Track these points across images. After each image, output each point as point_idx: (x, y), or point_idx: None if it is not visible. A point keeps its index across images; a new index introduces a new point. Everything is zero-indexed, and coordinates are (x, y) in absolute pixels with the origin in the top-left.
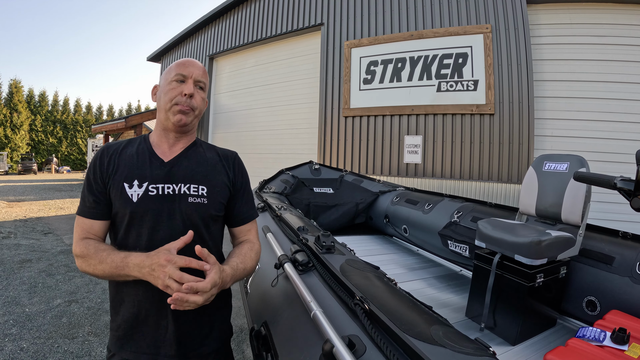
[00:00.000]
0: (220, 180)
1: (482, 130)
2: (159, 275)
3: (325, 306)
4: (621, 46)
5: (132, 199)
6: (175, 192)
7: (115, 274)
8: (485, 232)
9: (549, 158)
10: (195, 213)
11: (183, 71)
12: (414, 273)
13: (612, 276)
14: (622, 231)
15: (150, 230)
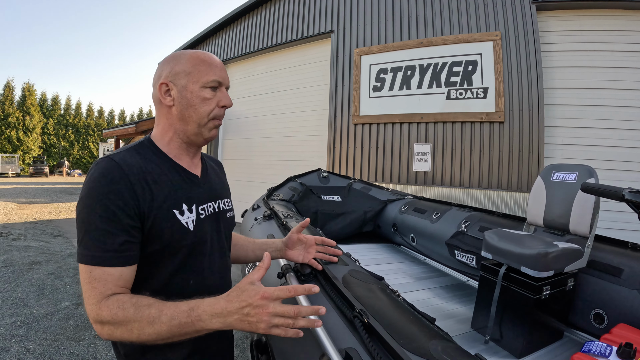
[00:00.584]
0: (229, 189)
1: (491, 138)
2: (261, 318)
3: (325, 318)
4: (632, 53)
5: (189, 227)
6: (216, 210)
7: (178, 334)
8: (491, 243)
9: (557, 168)
10: (230, 228)
11: (218, 77)
12: (421, 283)
13: (620, 289)
14: (631, 242)
15: (208, 259)
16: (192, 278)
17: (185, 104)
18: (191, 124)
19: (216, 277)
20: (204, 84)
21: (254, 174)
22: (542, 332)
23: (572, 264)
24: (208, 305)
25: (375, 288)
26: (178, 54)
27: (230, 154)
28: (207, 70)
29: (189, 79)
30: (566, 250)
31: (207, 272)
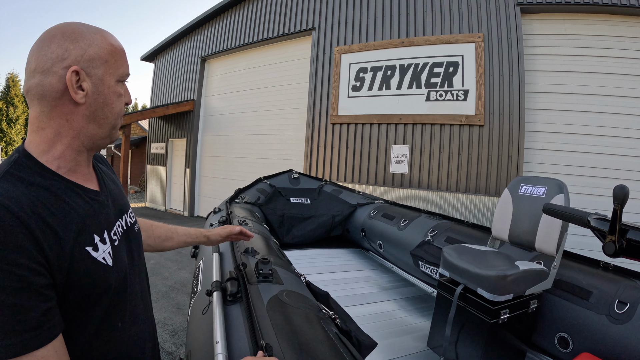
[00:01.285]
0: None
1: (470, 141)
2: None
3: (236, 347)
4: (617, 59)
5: (108, 263)
6: (124, 227)
7: None
8: (449, 260)
9: (525, 180)
10: (141, 244)
11: (128, 69)
12: (386, 293)
13: (588, 313)
14: (603, 262)
15: (130, 293)
16: (120, 320)
17: (101, 101)
18: (104, 127)
19: (140, 309)
20: (119, 77)
21: (233, 172)
22: (500, 354)
23: (536, 286)
24: None
25: (302, 314)
26: (82, 31)
27: (209, 151)
28: (123, 59)
29: (106, 70)
30: (528, 272)
31: (131, 306)
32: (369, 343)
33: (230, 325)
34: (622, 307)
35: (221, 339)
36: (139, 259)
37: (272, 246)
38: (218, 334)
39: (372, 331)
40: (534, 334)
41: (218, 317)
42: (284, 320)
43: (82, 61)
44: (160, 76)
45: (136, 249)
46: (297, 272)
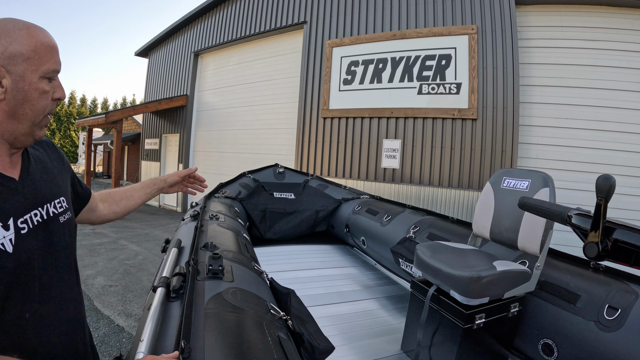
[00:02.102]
0: (65, 177)
1: (463, 135)
2: None
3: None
4: (615, 51)
5: (6, 249)
6: (44, 217)
7: None
8: (422, 259)
9: (509, 173)
10: (69, 235)
11: (58, 65)
12: (367, 291)
13: (575, 318)
14: (594, 262)
15: (38, 283)
16: (27, 310)
17: (20, 98)
18: (24, 123)
19: (56, 303)
20: (43, 74)
21: (225, 167)
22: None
23: (516, 289)
24: None
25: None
26: (7, 28)
27: (202, 146)
28: (49, 55)
29: (27, 66)
30: (507, 274)
31: (44, 298)
32: (324, 347)
33: (168, 323)
34: (612, 313)
35: (147, 337)
36: (62, 251)
37: (239, 242)
38: (146, 332)
39: (347, 331)
40: (516, 338)
41: (151, 315)
42: (219, 320)
43: (2, 58)
44: (154, 71)
45: (59, 241)
46: (258, 269)
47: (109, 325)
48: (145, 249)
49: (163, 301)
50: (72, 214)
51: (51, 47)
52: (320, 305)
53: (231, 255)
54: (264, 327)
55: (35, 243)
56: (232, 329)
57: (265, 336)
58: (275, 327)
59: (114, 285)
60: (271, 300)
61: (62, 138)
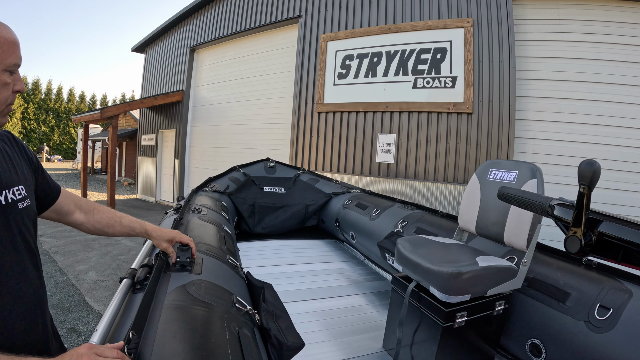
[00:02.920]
0: (27, 170)
1: (459, 130)
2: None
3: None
4: (612, 45)
5: None
6: (1, 202)
7: None
8: (403, 253)
9: (495, 165)
10: (28, 221)
11: (18, 59)
12: (355, 286)
13: (564, 318)
14: (586, 258)
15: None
16: None
17: None
18: None
19: (12, 284)
20: (5, 67)
21: (221, 162)
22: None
23: (501, 286)
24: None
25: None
26: None
27: (198, 142)
28: (11, 50)
29: None
30: (490, 270)
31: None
32: (292, 344)
33: (128, 314)
34: (603, 313)
35: (102, 327)
36: (20, 235)
37: (219, 235)
38: (102, 322)
39: (331, 327)
40: (503, 338)
41: (112, 306)
42: (177, 312)
43: None
44: (150, 67)
45: (17, 226)
46: (232, 262)
47: (98, 319)
48: (139, 244)
49: (126, 292)
50: (32, 203)
51: (12, 43)
52: (305, 300)
53: (204, 248)
54: (224, 321)
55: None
56: (189, 322)
57: (224, 330)
58: (238, 322)
59: (106, 280)
60: (242, 294)
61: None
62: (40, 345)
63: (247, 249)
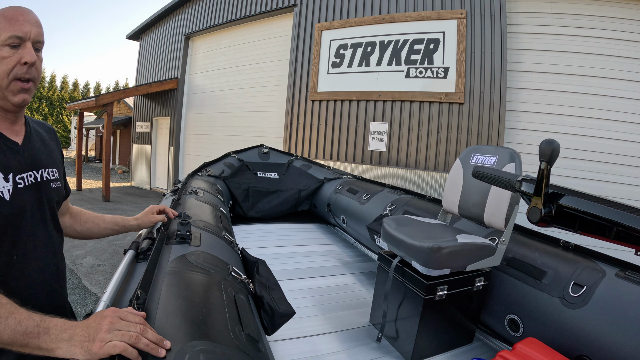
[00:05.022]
0: (59, 158)
1: (450, 119)
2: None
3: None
4: (603, 39)
5: (4, 197)
6: (38, 179)
7: (19, 343)
8: (388, 230)
9: (477, 150)
10: (55, 199)
11: (17, 32)
12: (345, 267)
13: (540, 294)
14: (563, 240)
15: (28, 232)
16: (15, 253)
17: None
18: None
19: (40, 252)
20: (2, 42)
21: (215, 150)
22: (442, 334)
23: (479, 262)
24: (62, 321)
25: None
26: None
27: (193, 129)
28: (5, 26)
29: None
30: (468, 246)
31: (30, 246)
32: (284, 311)
33: (132, 282)
34: (577, 290)
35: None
36: (50, 211)
37: (214, 214)
38: (110, 285)
39: (321, 303)
40: (483, 313)
41: (118, 273)
42: (178, 277)
43: None
44: (145, 55)
45: (47, 202)
46: (228, 238)
47: (96, 302)
48: None
49: (130, 262)
50: (62, 186)
51: (9, 19)
52: (297, 279)
53: (202, 225)
54: (221, 286)
55: (28, 198)
56: (190, 285)
57: (221, 293)
58: (234, 288)
59: (102, 265)
60: (237, 265)
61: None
62: (60, 311)
63: (241, 232)
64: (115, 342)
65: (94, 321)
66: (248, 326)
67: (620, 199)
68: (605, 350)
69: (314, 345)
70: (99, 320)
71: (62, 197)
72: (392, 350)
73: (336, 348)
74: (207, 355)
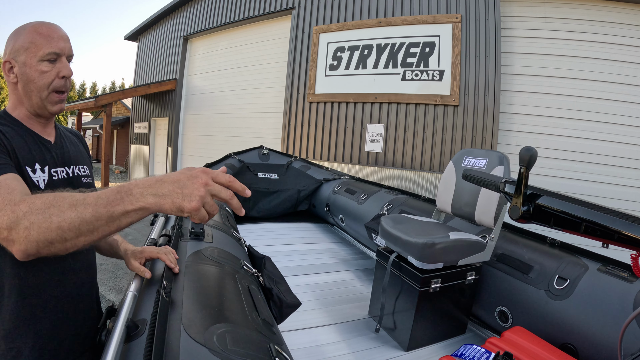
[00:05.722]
0: (88, 159)
1: (445, 121)
2: (196, 187)
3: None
4: (595, 43)
5: (39, 185)
6: (70, 175)
7: (105, 216)
8: (385, 228)
9: (469, 153)
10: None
11: (55, 48)
12: (345, 264)
13: (528, 287)
14: (550, 238)
15: None
16: None
17: (25, 79)
18: (34, 98)
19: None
20: (41, 58)
21: (213, 151)
22: (437, 325)
23: (471, 257)
24: (141, 180)
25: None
26: (20, 29)
27: (191, 130)
28: (43, 43)
29: (27, 55)
30: (460, 242)
31: None
32: (291, 302)
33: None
34: (561, 283)
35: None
36: None
37: (221, 213)
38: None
39: (321, 297)
40: (475, 306)
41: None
42: (196, 269)
43: (11, 52)
44: (143, 55)
45: None
46: (236, 235)
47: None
48: (134, 229)
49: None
50: (93, 183)
51: (46, 36)
52: (298, 275)
53: (212, 223)
54: (236, 278)
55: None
56: (208, 276)
57: (237, 283)
58: (247, 280)
59: (105, 264)
60: (247, 260)
61: None
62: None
63: (242, 231)
64: (212, 203)
65: (185, 177)
66: (262, 312)
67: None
68: (588, 338)
69: (316, 336)
70: (192, 180)
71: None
72: (390, 340)
73: (337, 338)
74: (231, 335)
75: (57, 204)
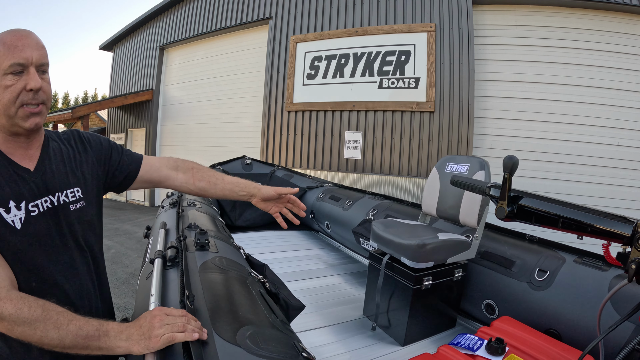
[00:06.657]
0: (89, 169)
1: (422, 127)
2: (153, 325)
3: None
4: (564, 49)
5: (15, 226)
6: (55, 204)
7: (81, 345)
8: (377, 232)
9: (451, 159)
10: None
11: (18, 59)
12: (331, 269)
13: (511, 281)
14: (529, 235)
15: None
16: (34, 280)
17: None
18: (2, 117)
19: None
20: (4, 71)
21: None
22: (428, 320)
23: (458, 255)
24: (117, 324)
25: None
26: None
27: (169, 140)
28: (5, 54)
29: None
30: (448, 242)
31: (49, 272)
32: (297, 305)
33: (168, 285)
34: (542, 275)
35: (156, 292)
36: (71, 235)
37: (217, 224)
38: (153, 288)
39: (314, 301)
40: (463, 301)
41: (155, 278)
42: (210, 279)
43: None
44: (119, 66)
45: (68, 226)
46: (236, 245)
47: None
48: (117, 242)
49: (161, 268)
50: (90, 204)
51: (9, 46)
52: (290, 281)
53: (212, 233)
54: (248, 285)
55: (44, 225)
56: (222, 284)
57: (250, 290)
58: (257, 285)
59: None
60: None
61: None
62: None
63: None
64: (167, 335)
65: (145, 321)
66: (278, 314)
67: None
68: (569, 323)
69: (313, 338)
70: (150, 320)
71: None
72: (386, 336)
73: (334, 339)
74: (260, 335)
75: (44, 320)
